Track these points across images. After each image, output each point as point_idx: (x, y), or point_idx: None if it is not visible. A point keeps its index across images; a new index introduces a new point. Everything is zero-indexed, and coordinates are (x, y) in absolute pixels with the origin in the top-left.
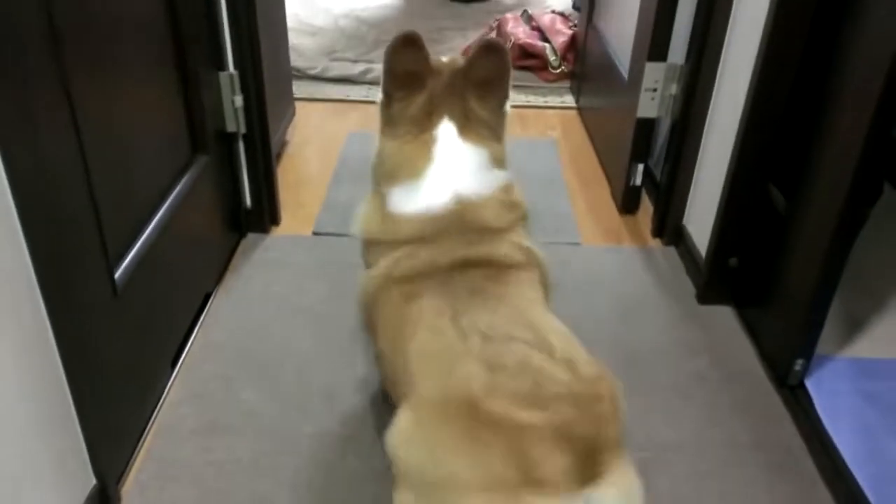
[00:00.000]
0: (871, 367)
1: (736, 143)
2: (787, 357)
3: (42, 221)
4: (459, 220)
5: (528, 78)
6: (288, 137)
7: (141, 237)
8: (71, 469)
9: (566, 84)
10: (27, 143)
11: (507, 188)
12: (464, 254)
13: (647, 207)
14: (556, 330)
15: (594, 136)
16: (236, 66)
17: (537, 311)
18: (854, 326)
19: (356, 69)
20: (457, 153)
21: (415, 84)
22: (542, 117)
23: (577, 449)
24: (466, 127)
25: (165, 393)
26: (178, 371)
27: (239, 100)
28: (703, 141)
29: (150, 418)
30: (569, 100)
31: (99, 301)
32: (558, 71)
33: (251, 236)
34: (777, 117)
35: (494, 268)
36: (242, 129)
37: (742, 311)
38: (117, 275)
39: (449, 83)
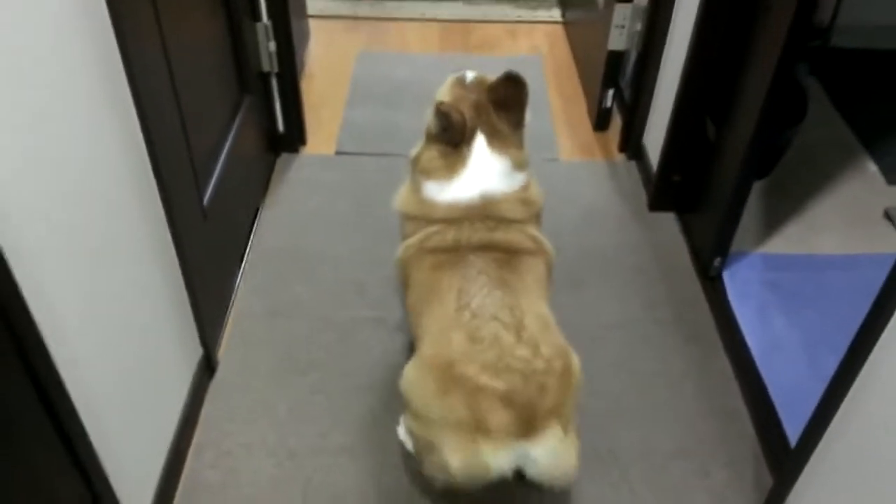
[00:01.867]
0: (777, 261)
1: (680, 81)
2: (708, 254)
3: (160, 154)
4: (482, 211)
5: None
6: (305, 59)
7: (216, 169)
8: (187, 342)
9: None
10: (154, 90)
11: (525, 187)
12: (482, 237)
13: (617, 124)
14: (535, 315)
15: (576, 52)
16: (269, 16)
17: (526, 296)
18: (771, 228)
19: None
20: (486, 161)
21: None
22: (532, 31)
23: (518, 411)
24: (493, 139)
25: (237, 287)
26: (244, 270)
27: (272, 45)
28: (660, 73)
29: (228, 306)
30: (556, 14)
31: (195, 223)
32: None
33: (284, 156)
34: (712, 60)
35: (506, 252)
36: (275, 69)
37: (681, 217)
38: (205, 201)
39: (477, 102)
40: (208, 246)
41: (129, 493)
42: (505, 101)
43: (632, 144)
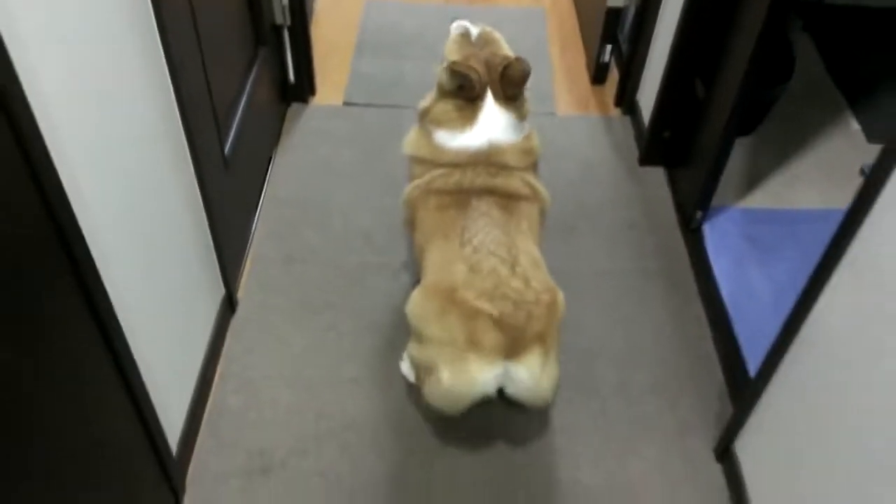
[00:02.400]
0: (756, 215)
1: (673, 40)
2: (691, 208)
3: (187, 104)
4: (487, 158)
5: None
6: (314, 5)
7: (235, 120)
8: (212, 282)
9: None
10: (182, 46)
11: (527, 137)
12: (484, 182)
13: (614, 78)
14: (528, 254)
15: (578, 5)
16: None
17: (521, 238)
18: (752, 183)
19: None
20: (494, 116)
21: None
22: None
23: (507, 333)
24: (501, 99)
25: (252, 233)
26: (258, 217)
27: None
28: (655, 31)
29: (246, 250)
30: None
31: (218, 172)
32: None
33: (294, 105)
34: (704, 21)
35: (506, 197)
36: (287, 22)
37: (670, 172)
38: (226, 151)
39: (487, 59)
40: (229, 193)
41: (166, 411)
42: (513, 78)
43: (626, 100)
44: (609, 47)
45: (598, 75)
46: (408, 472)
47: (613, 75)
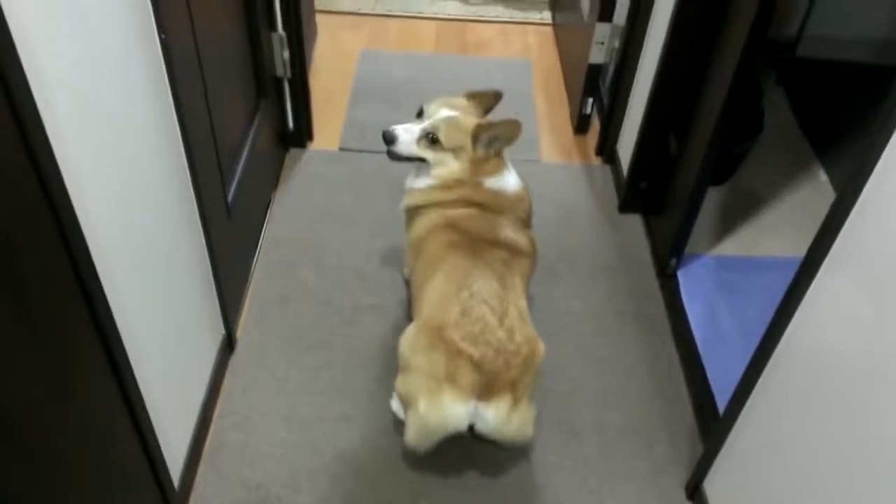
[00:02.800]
0: (728, 262)
1: (648, 97)
2: (666, 254)
3: (195, 156)
4: (513, 203)
5: None
6: (312, 55)
7: (238, 169)
8: (213, 324)
9: None
10: (191, 101)
11: (524, 189)
12: (492, 234)
13: (596, 129)
14: (517, 308)
15: (562, 57)
16: (283, 28)
17: (514, 292)
18: (724, 232)
19: None
20: (510, 167)
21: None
22: (523, 32)
23: (484, 376)
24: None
25: (251, 273)
26: (257, 258)
27: (286, 54)
28: (633, 87)
29: (244, 290)
30: (547, 16)
31: (221, 220)
32: None
33: (293, 151)
34: (677, 79)
35: (510, 252)
36: (288, 75)
37: (647, 220)
38: (229, 200)
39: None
40: (231, 239)
41: (169, 446)
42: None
43: (607, 150)
44: (591, 100)
45: (580, 126)
46: (396, 500)
47: (595, 126)
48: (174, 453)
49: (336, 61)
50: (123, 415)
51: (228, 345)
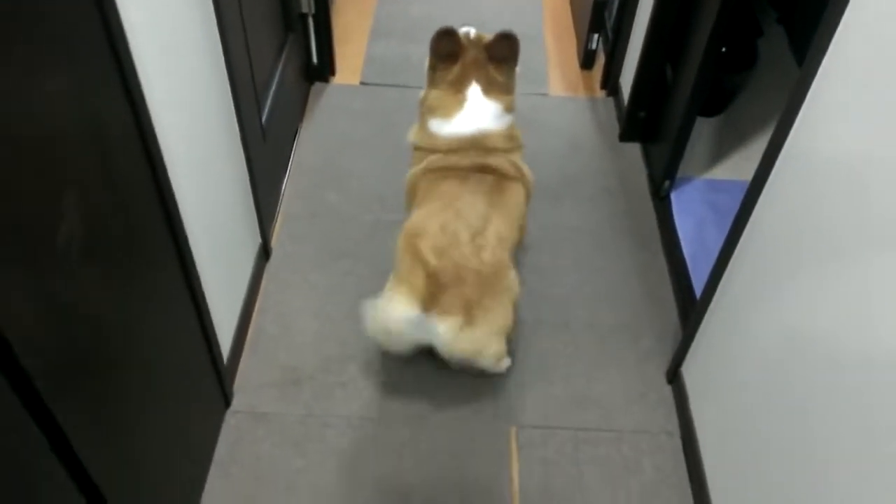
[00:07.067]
0: (717, 185)
1: (647, 30)
2: (660, 177)
3: (237, 83)
4: (476, 142)
5: None
6: None
7: (269, 96)
8: (251, 233)
9: None
10: (234, 37)
11: (511, 127)
12: (476, 161)
13: (601, 64)
14: (498, 230)
15: None
16: None
17: (499, 215)
18: (716, 158)
19: None
20: (480, 105)
21: (451, 59)
22: None
23: (433, 285)
24: (488, 87)
25: (282, 193)
26: (288, 179)
27: None
28: (634, 22)
29: (277, 207)
30: None
31: (257, 140)
32: None
33: (317, 84)
34: (673, 13)
35: (495, 175)
36: (312, 11)
37: (644, 147)
38: (263, 123)
39: (476, 57)
40: (265, 160)
41: (219, 334)
42: (501, 56)
43: (610, 83)
44: (596, 36)
45: (586, 61)
46: (410, 384)
47: (601, 61)
48: (223, 340)
49: (356, 1)
50: (190, 309)
51: (264, 253)
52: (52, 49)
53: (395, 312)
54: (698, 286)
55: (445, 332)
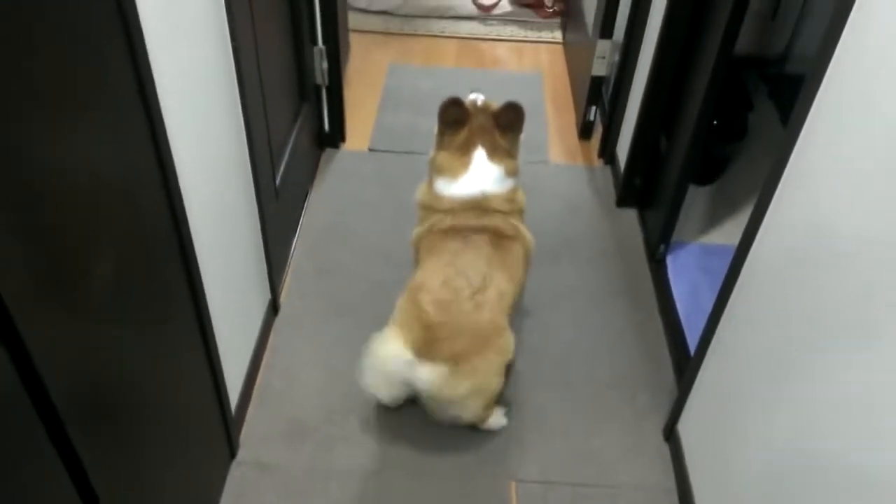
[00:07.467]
0: (711, 250)
1: (641, 104)
2: (655, 242)
3: (256, 149)
4: (478, 203)
5: (527, 14)
6: (346, 69)
7: (283, 160)
8: (261, 288)
9: (557, 20)
10: (253, 103)
11: (513, 190)
12: (476, 223)
13: (599, 134)
14: (498, 289)
15: (570, 71)
16: (323, 42)
17: (500, 274)
18: (710, 224)
19: (394, 2)
20: (484, 168)
21: (458, 125)
22: (536, 50)
23: (426, 335)
24: (492, 152)
25: (293, 251)
26: (298, 238)
27: (325, 65)
28: (630, 96)
29: (287, 264)
30: (558, 35)
31: (271, 200)
32: (552, 10)
33: (328, 150)
34: (666, 88)
35: (495, 235)
36: (326, 83)
37: (640, 213)
38: (277, 184)
39: (483, 123)
40: (277, 219)
41: (228, 385)
42: (507, 123)
43: (608, 152)
44: (594, 108)
45: (584, 131)
46: (411, 437)
47: (598, 132)
48: (231, 392)
49: (367, 74)
50: (203, 361)
51: (273, 308)
52: (97, 119)
53: (388, 351)
54: (693, 342)
55: (430, 378)
